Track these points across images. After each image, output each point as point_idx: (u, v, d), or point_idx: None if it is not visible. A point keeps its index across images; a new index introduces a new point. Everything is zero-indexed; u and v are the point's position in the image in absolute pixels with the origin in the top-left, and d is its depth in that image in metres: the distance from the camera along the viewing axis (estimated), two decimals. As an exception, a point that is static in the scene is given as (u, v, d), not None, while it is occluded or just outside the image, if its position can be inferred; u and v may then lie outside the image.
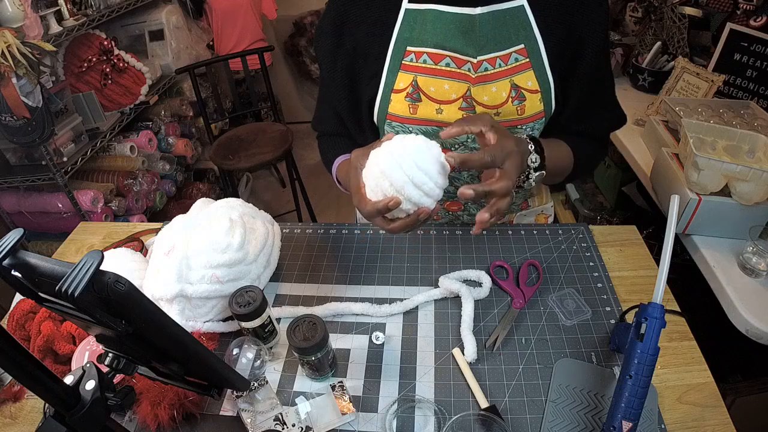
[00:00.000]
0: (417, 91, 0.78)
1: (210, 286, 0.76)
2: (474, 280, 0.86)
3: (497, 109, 0.78)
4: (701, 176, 0.96)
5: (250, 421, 0.65)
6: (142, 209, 2.11)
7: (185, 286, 0.75)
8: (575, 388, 0.68)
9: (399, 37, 0.77)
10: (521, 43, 0.76)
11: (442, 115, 0.79)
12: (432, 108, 0.78)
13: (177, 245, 0.77)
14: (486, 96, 0.77)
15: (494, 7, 0.75)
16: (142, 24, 2.37)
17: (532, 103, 0.78)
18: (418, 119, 0.80)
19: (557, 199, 2.25)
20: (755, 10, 1.48)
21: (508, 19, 0.75)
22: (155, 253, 0.81)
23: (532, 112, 0.79)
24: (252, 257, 0.82)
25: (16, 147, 1.70)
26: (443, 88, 0.77)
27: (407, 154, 0.61)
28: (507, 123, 0.79)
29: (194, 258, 0.76)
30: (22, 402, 0.73)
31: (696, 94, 1.44)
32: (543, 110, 0.79)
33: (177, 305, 0.76)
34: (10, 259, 0.43)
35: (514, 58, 0.76)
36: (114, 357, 0.50)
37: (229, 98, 2.83)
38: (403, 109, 0.80)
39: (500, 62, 0.76)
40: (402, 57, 0.78)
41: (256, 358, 0.72)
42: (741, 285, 0.94)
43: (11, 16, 1.48)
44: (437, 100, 0.78)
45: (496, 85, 0.77)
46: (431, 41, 0.76)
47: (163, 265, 0.77)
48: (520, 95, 0.77)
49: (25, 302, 0.82)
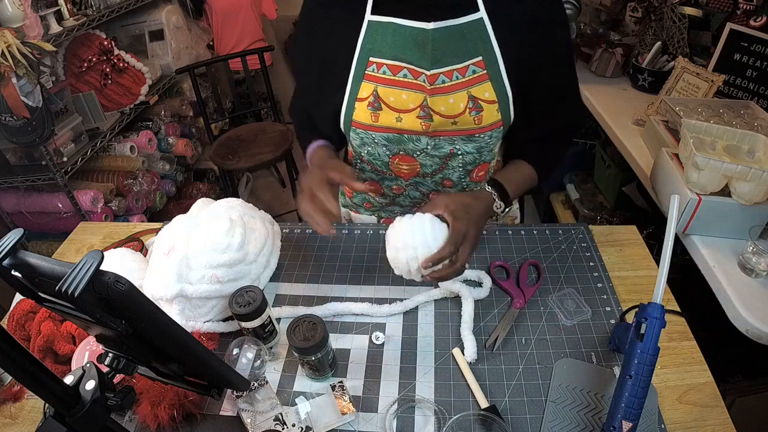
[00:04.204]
0: (378, 100, 0.81)
1: (210, 286, 0.76)
2: (474, 280, 0.86)
3: (454, 119, 0.81)
4: (701, 176, 0.96)
5: (250, 421, 0.65)
6: (142, 209, 2.11)
7: (185, 286, 0.75)
8: (575, 388, 0.68)
9: (363, 48, 0.80)
10: (479, 55, 0.78)
11: (402, 123, 0.82)
12: (392, 116, 0.82)
13: (177, 245, 0.77)
14: (443, 106, 0.80)
15: (451, 22, 0.76)
16: (142, 24, 2.37)
17: (489, 113, 0.80)
18: (379, 127, 0.83)
19: (557, 199, 2.25)
20: (755, 10, 1.48)
21: (467, 33, 0.77)
22: (155, 253, 0.81)
23: (489, 122, 0.81)
24: (252, 257, 0.82)
25: (16, 147, 1.70)
26: (401, 97, 0.81)
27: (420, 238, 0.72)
28: (465, 132, 0.82)
29: (194, 258, 0.76)
30: (22, 402, 0.73)
31: (696, 94, 1.44)
32: (501, 119, 0.81)
33: (177, 305, 0.76)
34: (10, 259, 0.43)
35: (471, 71, 0.79)
36: (114, 357, 0.50)
37: (229, 98, 2.83)
38: (365, 117, 0.83)
39: (458, 75, 0.79)
40: (365, 67, 0.81)
41: (256, 358, 0.72)
42: (741, 285, 0.93)
43: (11, 16, 1.48)
44: (396, 109, 0.81)
45: (453, 96, 0.79)
46: (390, 53, 0.79)
47: (163, 265, 0.77)
48: (477, 106, 0.80)
49: (25, 302, 0.82)
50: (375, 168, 0.92)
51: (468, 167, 0.88)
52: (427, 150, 0.85)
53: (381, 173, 0.92)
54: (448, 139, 0.83)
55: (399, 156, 0.87)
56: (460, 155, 0.86)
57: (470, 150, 0.85)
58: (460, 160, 0.87)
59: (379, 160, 0.89)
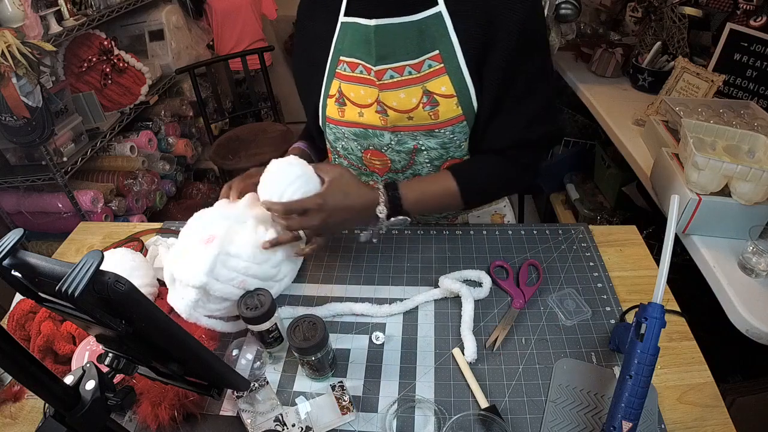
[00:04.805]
0: (342, 96, 0.86)
1: (235, 289, 0.74)
2: (474, 280, 0.86)
3: (409, 114, 0.82)
4: (701, 176, 0.96)
5: (250, 422, 0.65)
6: (142, 209, 2.11)
7: (212, 282, 0.72)
8: (575, 388, 0.68)
9: (335, 47, 0.84)
10: (436, 49, 0.78)
11: (364, 118, 0.85)
12: (355, 111, 0.85)
13: (217, 237, 0.74)
14: (395, 101, 0.81)
15: (397, 19, 0.77)
16: (142, 24, 2.37)
17: (446, 108, 0.80)
18: (346, 122, 0.87)
19: (557, 199, 2.25)
20: (755, 10, 1.48)
21: (425, 27, 0.77)
22: (189, 235, 0.77)
23: (448, 117, 0.81)
24: (281, 276, 0.82)
25: (16, 147, 1.70)
26: (360, 93, 0.84)
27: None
28: (423, 127, 0.82)
29: (234, 259, 0.74)
30: (22, 402, 0.73)
31: (696, 94, 1.44)
32: (462, 114, 0.80)
33: (195, 294, 0.73)
34: (10, 259, 0.43)
35: (427, 65, 0.79)
36: (114, 357, 0.50)
37: (229, 98, 2.83)
38: (334, 113, 0.88)
39: (411, 70, 0.79)
40: (336, 66, 0.85)
41: (256, 359, 0.72)
42: (741, 285, 0.93)
43: (11, 16, 1.48)
44: (358, 104, 0.85)
45: (404, 91, 0.80)
46: (348, 51, 0.83)
47: (198, 252, 0.73)
48: (432, 101, 0.80)
49: (25, 302, 0.82)
50: (351, 163, 0.95)
51: (435, 163, 0.88)
52: (392, 145, 0.86)
53: (357, 168, 0.95)
54: (410, 134, 0.84)
55: (370, 151, 0.89)
56: (425, 151, 0.86)
57: (434, 145, 0.85)
58: (426, 156, 0.87)
59: (353, 155, 0.93)
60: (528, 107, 0.81)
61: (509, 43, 0.74)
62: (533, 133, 0.82)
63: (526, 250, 0.92)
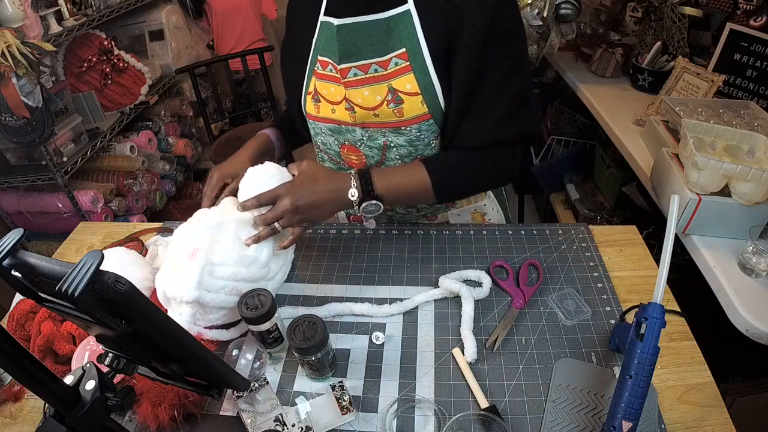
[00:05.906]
0: (316, 93, 0.88)
1: (228, 297, 0.74)
2: (474, 280, 0.86)
3: (374, 111, 0.83)
4: (701, 176, 0.96)
5: (250, 422, 0.65)
6: (142, 209, 2.11)
7: (203, 293, 0.73)
8: (575, 388, 0.68)
9: (315, 47, 0.86)
10: (402, 47, 0.78)
11: (336, 115, 0.87)
12: (328, 108, 0.88)
13: (201, 249, 0.74)
14: (359, 99, 0.83)
15: (361, 18, 0.78)
16: (142, 24, 2.37)
17: (411, 106, 0.80)
18: (321, 117, 0.90)
19: (557, 199, 2.25)
20: (755, 10, 1.48)
21: (393, 25, 0.78)
22: (175, 250, 0.77)
23: (413, 115, 0.81)
24: (272, 274, 0.82)
25: (16, 147, 1.70)
26: (330, 90, 0.86)
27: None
28: (390, 124, 0.83)
29: (220, 267, 0.74)
30: (22, 402, 0.73)
31: (696, 94, 1.44)
32: (428, 112, 0.80)
33: (190, 309, 0.74)
34: (10, 259, 0.43)
35: (394, 63, 0.79)
36: (114, 357, 0.50)
37: (229, 98, 2.83)
38: (312, 109, 0.90)
39: (377, 67, 0.80)
40: (315, 64, 0.87)
41: (256, 359, 0.72)
42: (741, 285, 0.93)
43: (11, 16, 1.48)
44: (330, 101, 0.87)
45: (369, 89, 0.81)
46: (322, 49, 0.85)
47: (185, 268, 0.73)
48: (396, 98, 0.80)
49: (25, 302, 0.82)
50: (331, 157, 0.96)
51: (405, 160, 0.88)
52: (364, 141, 0.88)
53: (337, 162, 0.96)
54: (379, 131, 0.85)
55: (346, 146, 0.91)
56: (394, 147, 0.87)
57: (402, 143, 0.85)
58: (396, 153, 0.88)
59: (331, 150, 0.94)
60: (497, 106, 0.79)
61: (476, 40, 0.74)
62: (503, 132, 0.81)
63: (526, 250, 0.92)
